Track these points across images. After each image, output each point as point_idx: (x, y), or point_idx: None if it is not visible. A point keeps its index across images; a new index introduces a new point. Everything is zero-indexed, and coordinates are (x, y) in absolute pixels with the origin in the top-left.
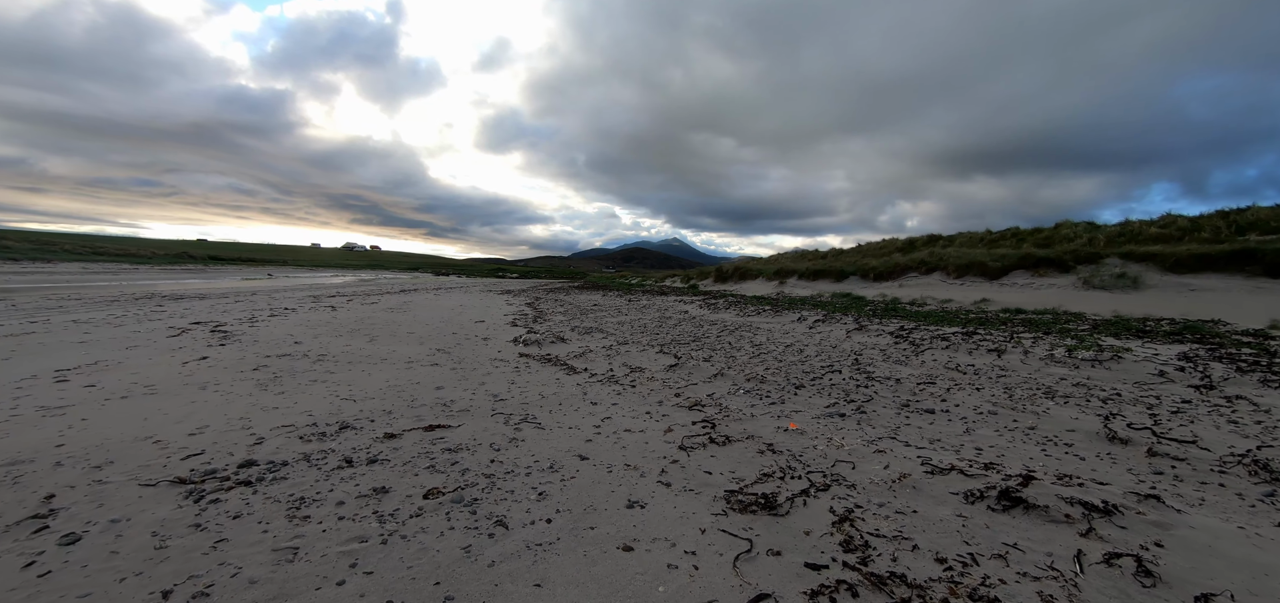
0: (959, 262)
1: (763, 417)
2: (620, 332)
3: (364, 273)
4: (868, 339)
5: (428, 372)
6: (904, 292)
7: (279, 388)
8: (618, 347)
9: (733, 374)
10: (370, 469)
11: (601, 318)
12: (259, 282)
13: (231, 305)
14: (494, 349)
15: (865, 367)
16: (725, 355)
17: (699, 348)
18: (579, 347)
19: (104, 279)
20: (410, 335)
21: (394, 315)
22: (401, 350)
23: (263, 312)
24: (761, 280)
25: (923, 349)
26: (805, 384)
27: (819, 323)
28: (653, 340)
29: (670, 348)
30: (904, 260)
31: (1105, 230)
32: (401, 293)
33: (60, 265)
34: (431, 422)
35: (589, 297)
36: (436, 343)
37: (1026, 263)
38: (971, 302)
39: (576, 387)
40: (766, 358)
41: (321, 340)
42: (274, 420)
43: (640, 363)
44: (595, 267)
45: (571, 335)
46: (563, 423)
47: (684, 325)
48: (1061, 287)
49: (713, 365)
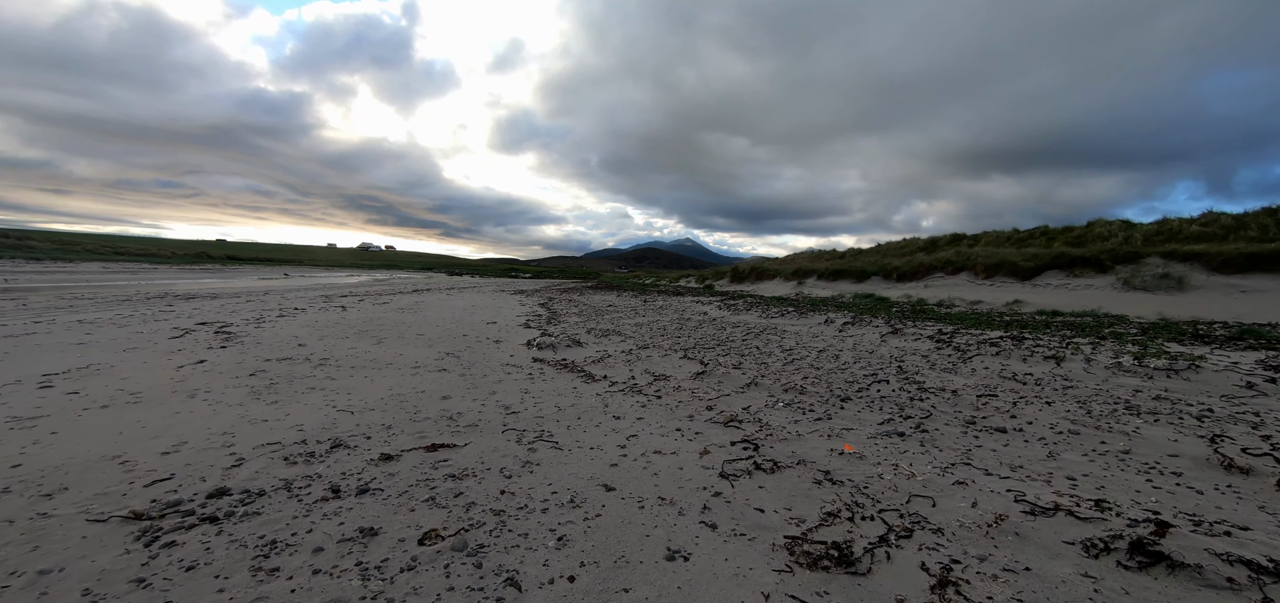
0: (987, 261)
1: (810, 436)
2: (639, 335)
3: (378, 273)
4: (906, 344)
5: (434, 379)
6: (930, 292)
7: (273, 396)
8: (638, 351)
9: (768, 384)
10: (359, 502)
11: (618, 319)
12: (274, 281)
13: (241, 305)
14: (506, 353)
15: (912, 376)
16: (756, 362)
17: (725, 353)
18: (596, 351)
19: (122, 279)
20: (419, 338)
21: (404, 316)
22: (409, 354)
23: (272, 312)
24: (779, 281)
25: (970, 355)
26: (851, 397)
27: (848, 326)
28: (675, 344)
29: (695, 353)
30: (928, 260)
31: (1142, 229)
32: (414, 293)
33: (81, 265)
34: (434, 440)
35: (603, 297)
36: (446, 346)
37: (1060, 263)
38: (1003, 303)
39: (596, 397)
40: (801, 365)
41: (326, 343)
42: (260, 436)
43: (664, 370)
44: (608, 267)
45: (588, 338)
46: (583, 442)
47: (706, 328)
48: (1099, 288)
49: (744, 373)
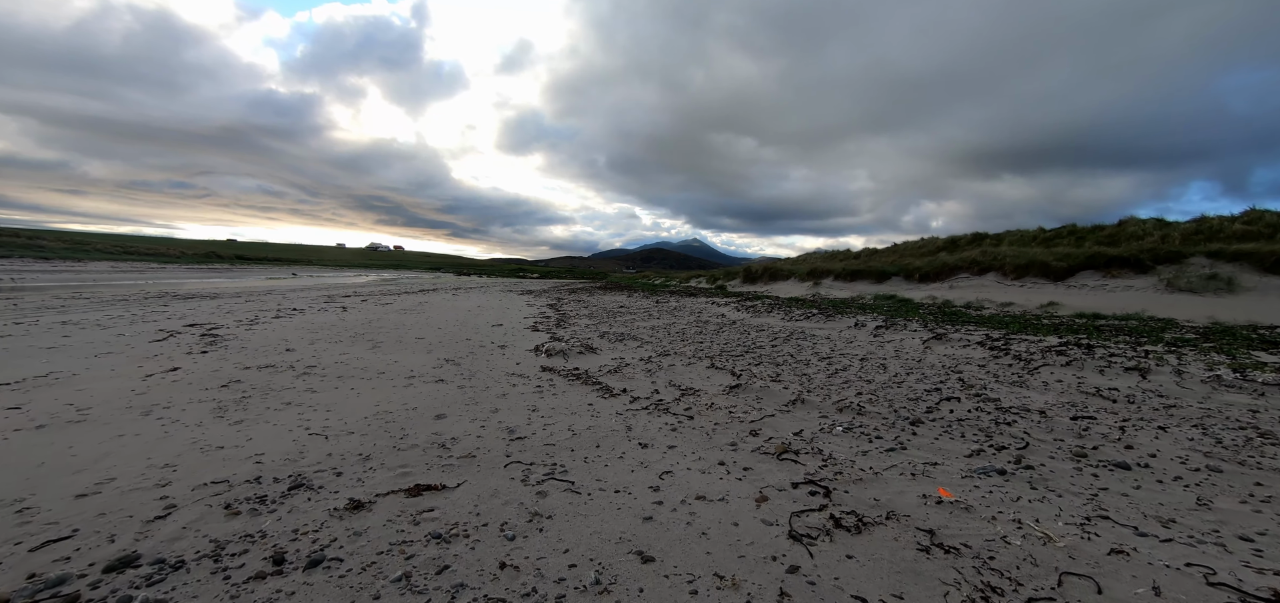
0: (1016, 262)
1: (889, 475)
2: (656, 339)
3: (386, 273)
4: (954, 352)
5: (430, 392)
6: (955, 294)
7: (240, 414)
8: (658, 359)
9: (816, 401)
10: (306, 583)
11: (632, 322)
12: (281, 281)
13: (239, 306)
14: (512, 360)
15: (981, 392)
16: (795, 373)
17: (756, 361)
18: (612, 358)
19: (128, 278)
20: (418, 342)
21: (406, 318)
22: (405, 361)
23: (268, 313)
24: (793, 281)
25: (1035, 366)
26: (921, 419)
27: (882, 330)
28: (698, 351)
29: (722, 362)
30: (951, 260)
31: (1180, 227)
32: (420, 293)
33: (91, 265)
34: (420, 478)
35: (613, 298)
36: (446, 351)
37: (1096, 263)
38: (1037, 306)
39: (616, 417)
40: (848, 377)
41: (317, 348)
42: (208, 470)
43: (691, 381)
44: (615, 267)
45: (601, 343)
46: (605, 480)
47: (727, 332)
48: (1140, 289)
49: (785, 388)
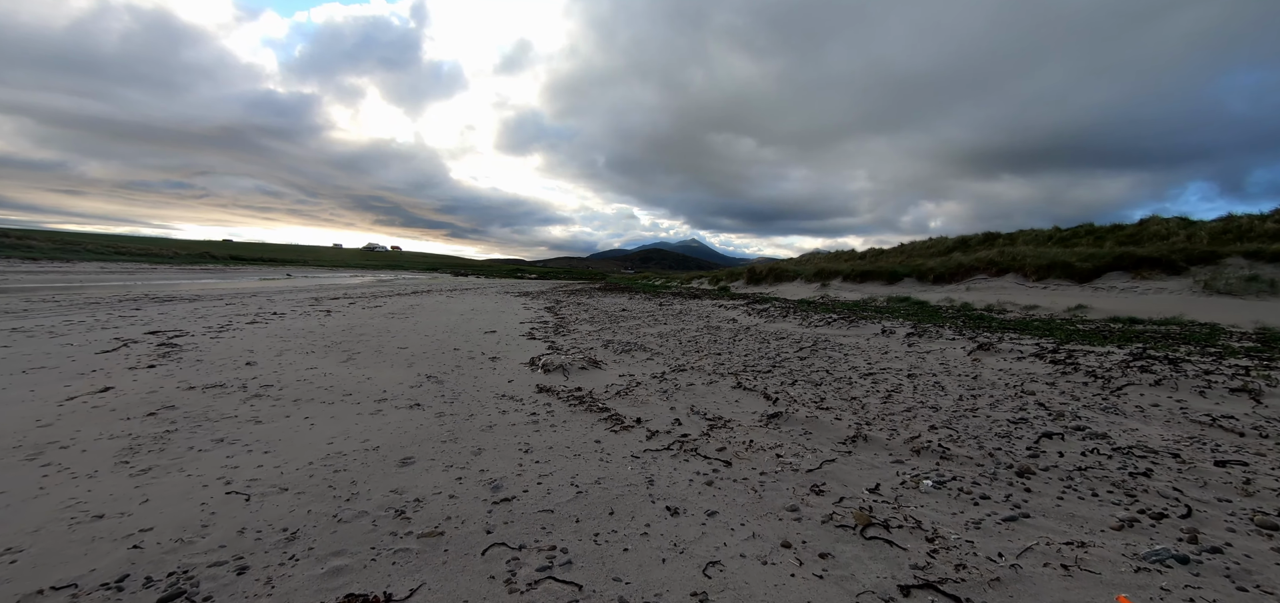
0: (1038, 262)
1: (1030, 566)
2: (667, 350)
3: (383, 273)
4: (1010, 365)
5: (401, 422)
6: (974, 296)
7: (151, 458)
8: (672, 375)
9: (880, 436)
10: None
11: (638, 329)
12: (274, 282)
13: (217, 309)
14: (503, 377)
15: (1076, 421)
16: (839, 394)
17: (787, 377)
18: (619, 374)
19: (115, 279)
20: (400, 353)
21: (392, 323)
22: (379, 378)
23: (245, 318)
24: (799, 282)
25: (1117, 386)
26: (1030, 468)
27: (914, 338)
28: (717, 364)
29: (749, 379)
30: (967, 261)
31: (1206, 226)
32: (413, 294)
33: (79, 265)
34: (356, 585)
35: (614, 300)
36: (430, 364)
37: (1124, 263)
38: (1063, 309)
39: (632, 461)
40: (902, 398)
41: (284, 359)
42: (55, 562)
43: (717, 407)
44: (614, 267)
45: (606, 355)
46: (626, 577)
47: (744, 341)
48: (1173, 291)
49: (836, 416)
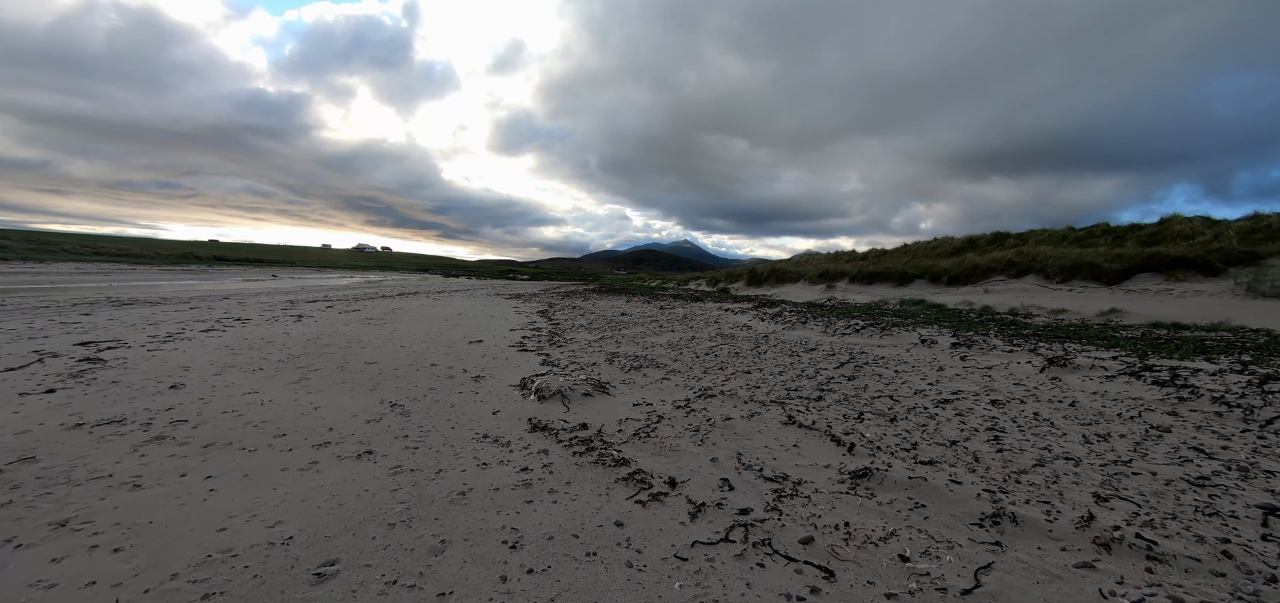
0: (1061, 263)
1: None
2: (683, 364)
3: (372, 274)
4: (1099, 385)
5: (338, 483)
6: (994, 298)
7: None
8: (700, 403)
9: (1035, 516)
10: None
11: (643, 337)
12: (256, 283)
13: (174, 315)
14: (487, 405)
15: (1249, 473)
16: (930, 436)
17: (842, 405)
18: (633, 401)
19: (88, 281)
20: (367, 369)
21: (368, 330)
22: (332, 406)
23: (203, 324)
24: (803, 284)
25: (1260, 416)
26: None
27: (960, 348)
28: (749, 385)
29: (798, 408)
30: (984, 262)
31: (1233, 225)
32: (398, 296)
33: (54, 266)
34: None
35: (611, 303)
36: (399, 386)
37: (1155, 264)
38: (1095, 313)
39: (676, 568)
40: (1012, 440)
41: (222, 380)
42: None
43: (773, 455)
44: (606, 268)
45: (612, 373)
46: None
47: (770, 353)
48: (1213, 294)
49: (950, 474)
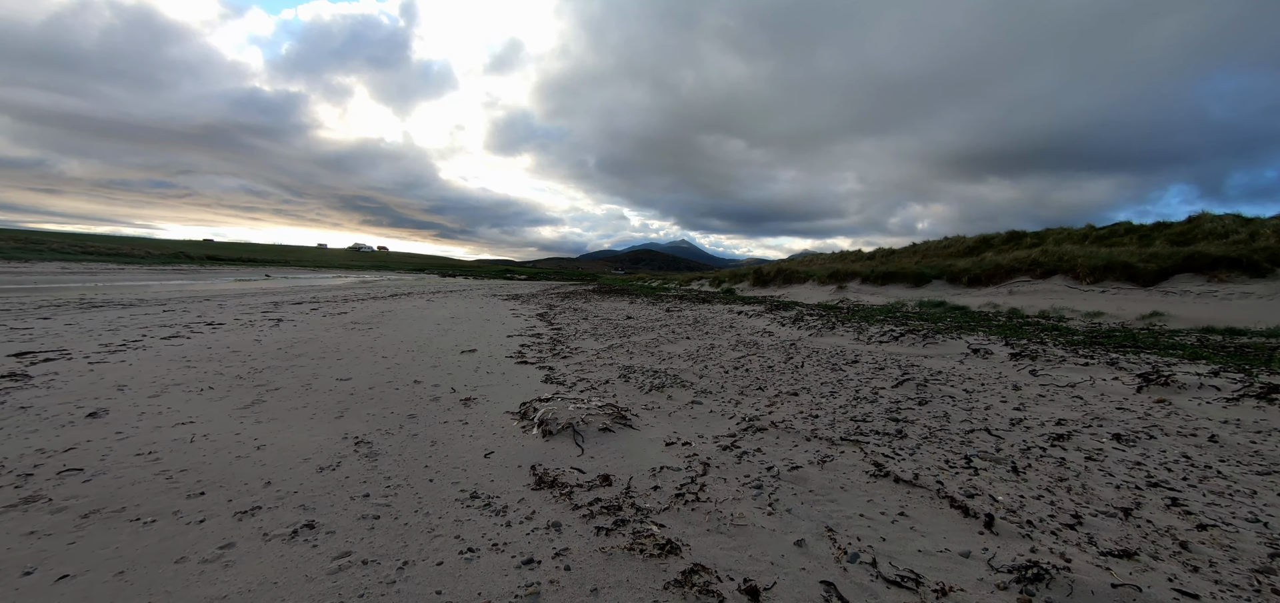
0: (1092, 262)
1: None
2: (712, 381)
3: (367, 274)
4: (1221, 411)
5: (247, 590)
6: (1021, 300)
7: None
8: (751, 440)
9: None
10: None
11: (657, 346)
12: (247, 283)
13: (139, 319)
14: (479, 443)
15: None
16: (1081, 497)
17: (940, 446)
18: (664, 438)
19: (71, 280)
20: (338, 387)
21: (350, 337)
22: (279, 445)
23: (166, 330)
24: (812, 284)
25: None
26: None
27: (1021, 360)
28: (804, 414)
29: (881, 450)
30: (1006, 261)
31: (1268, 224)
32: (390, 298)
33: (39, 266)
34: None
35: (614, 305)
36: (370, 412)
37: (1194, 264)
38: (1135, 317)
39: None
40: (1195, 503)
41: (155, 405)
42: None
43: (882, 533)
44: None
45: (631, 395)
46: None
47: (808, 367)
48: (1262, 296)
49: (1177, 584)
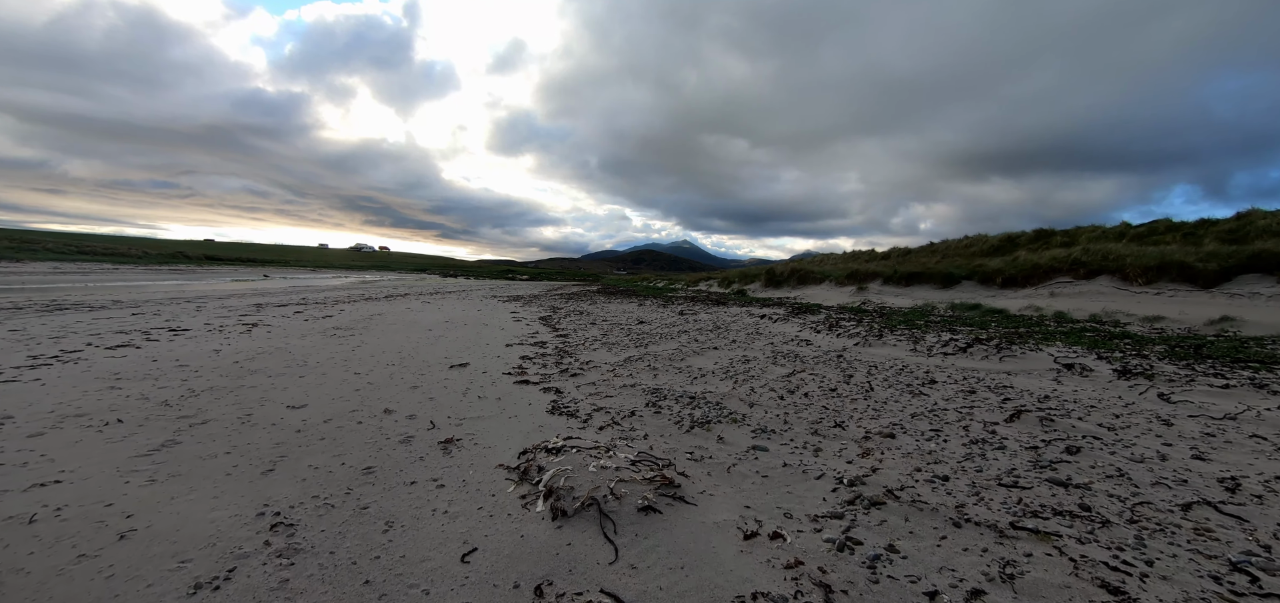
0: (1143, 262)
1: None
2: (768, 411)
3: (367, 274)
4: None
5: None
6: (1065, 302)
7: None
8: (872, 526)
9: None
10: None
11: (682, 359)
12: (245, 283)
13: (102, 323)
14: (456, 526)
15: None
16: None
17: (1152, 535)
18: (733, 517)
19: (57, 280)
20: (278, 424)
21: (325, 346)
22: (159, 527)
23: (122, 336)
24: (829, 285)
25: None
26: None
27: (1132, 379)
28: (922, 474)
29: (1078, 555)
30: (1044, 261)
31: None
32: (386, 299)
33: (31, 265)
34: None
35: (622, 307)
36: (312, 464)
37: (1261, 264)
38: (1202, 322)
39: None
40: None
41: (33, 448)
42: None
43: None
44: (606, 268)
45: (663, 431)
46: None
47: (882, 393)
48: None
49: None
